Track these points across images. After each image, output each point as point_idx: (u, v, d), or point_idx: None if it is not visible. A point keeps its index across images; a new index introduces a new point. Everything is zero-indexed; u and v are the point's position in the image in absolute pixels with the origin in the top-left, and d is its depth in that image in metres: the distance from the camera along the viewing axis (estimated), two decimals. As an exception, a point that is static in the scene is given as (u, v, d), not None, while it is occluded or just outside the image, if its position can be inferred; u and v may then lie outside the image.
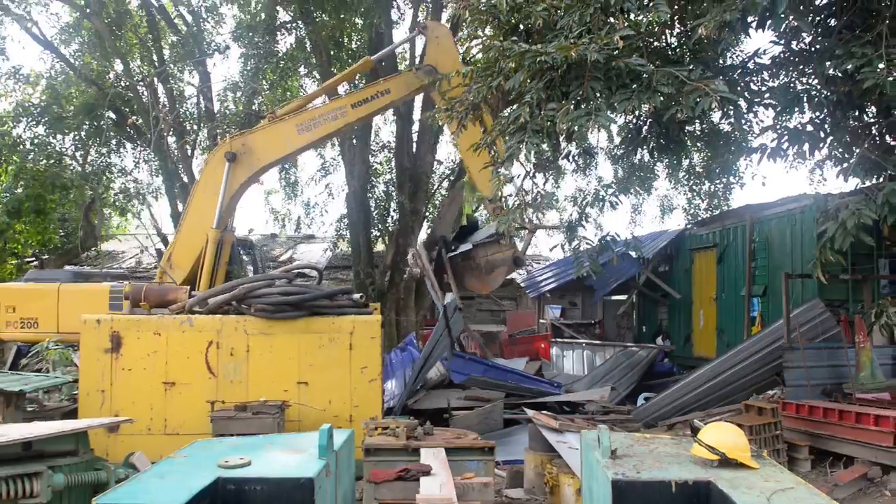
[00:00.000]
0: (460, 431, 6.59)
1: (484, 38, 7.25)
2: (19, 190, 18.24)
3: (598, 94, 5.28)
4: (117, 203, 20.22)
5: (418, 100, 16.99)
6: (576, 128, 5.24)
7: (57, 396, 9.57)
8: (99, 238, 20.38)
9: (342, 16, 16.66)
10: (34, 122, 18.10)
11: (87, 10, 16.93)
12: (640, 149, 8.14)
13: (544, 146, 5.88)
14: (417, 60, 14.24)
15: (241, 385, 7.92)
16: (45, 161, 17.72)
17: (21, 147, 18.02)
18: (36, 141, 18.01)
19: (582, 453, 4.58)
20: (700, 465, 3.66)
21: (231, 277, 13.71)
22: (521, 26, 6.35)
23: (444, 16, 15.89)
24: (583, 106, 5.50)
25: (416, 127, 16.93)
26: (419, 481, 4.38)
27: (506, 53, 5.51)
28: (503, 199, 9.04)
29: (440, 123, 15.41)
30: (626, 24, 5.74)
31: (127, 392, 7.92)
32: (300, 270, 9.46)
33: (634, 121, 7.57)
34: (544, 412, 8.67)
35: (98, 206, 19.57)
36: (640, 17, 6.31)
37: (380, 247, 19.00)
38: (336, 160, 20.44)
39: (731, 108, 6.44)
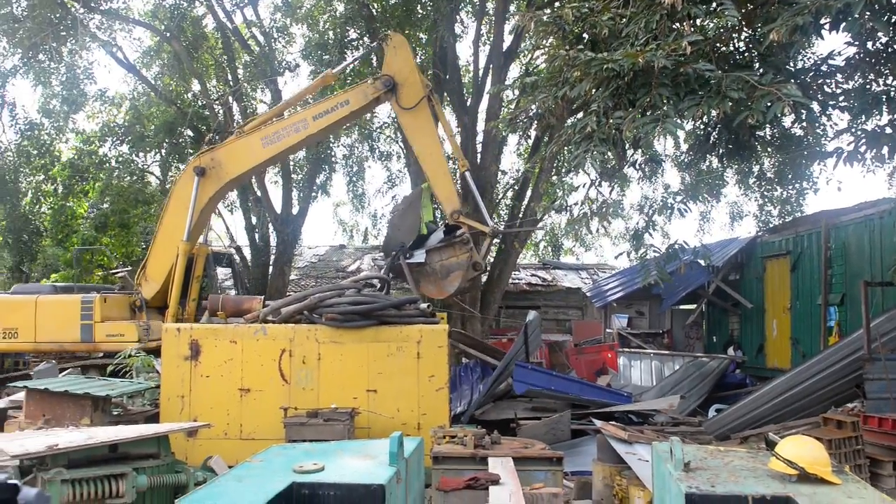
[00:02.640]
0: (528, 441, 6.59)
1: (548, 49, 7.27)
2: (105, 205, 19.28)
3: (666, 101, 5.22)
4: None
5: (482, 110, 17.15)
6: (643, 135, 5.19)
7: (140, 401, 10.01)
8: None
9: (407, 31, 16.95)
10: (119, 142, 19.11)
11: (167, 34, 17.75)
12: (709, 155, 7.97)
13: (610, 154, 5.84)
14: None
15: (312, 392, 8.12)
16: (128, 178, 18.67)
17: (107, 165, 19.04)
18: (120, 159, 18.98)
19: (653, 465, 4.52)
20: (778, 480, 3.55)
21: (204, 290, 13.89)
22: (586, 35, 6.35)
23: (507, 27, 15.98)
24: (650, 113, 5.45)
25: (479, 138, 17.02)
26: (488, 490, 4.40)
27: (572, 63, 5.52)
28: (568, 208, 8.98)
29: (504, 133, 15.50)
30: (692, 29, 5.67)
31: (205, 398, 8.22)
32: (368, 280, 9.62)
33: (703, 127, 7.43)
34: (612, 423, 8.55)
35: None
36: (706, 23, 6.22)
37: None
38: (402, 172, 20.75)
39: (804, 111, 6.25)
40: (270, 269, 19.17)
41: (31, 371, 11.62)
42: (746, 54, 6.95)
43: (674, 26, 5.75)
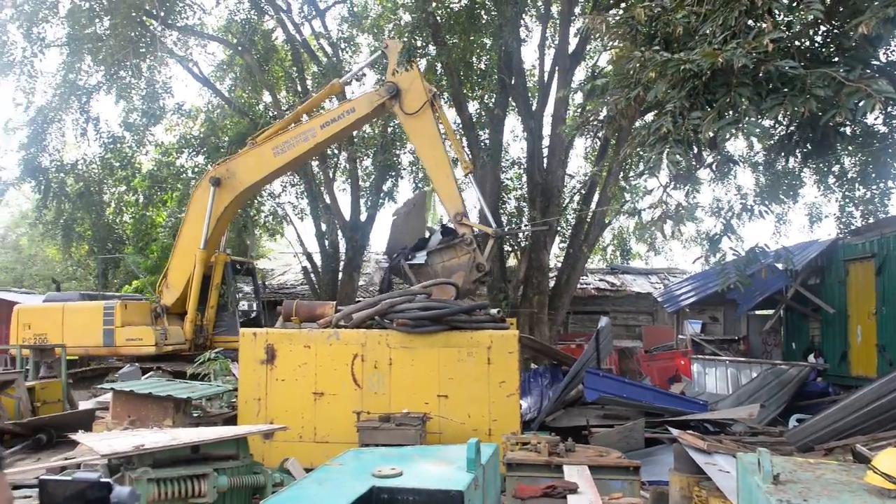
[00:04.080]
0: (602, 449, 6.47)
1: (618, 50, 7.15)
2: (182, 214, 20.02)
3: (747, 101, 5.05)
4: (267, 224, 21.65)
5: (548, 114, 17.06)
6: (723, 136, 5.04)
7: (218, 404, 10.35)
8: (251, 257, 21.89)
9: (471, 37, 17.00)
10: (195, 153, 19.82)
11: (239, 48, 18.34)
12: (790, 155, 7.68)
13: (688, 156, 5.68)
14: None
15: (384, 396, 8.19)
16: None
17: (184, 175, 19.78)
18: (196, 169, 19.67)
19: (738, 477, 4.36)
20: (876, 496, 3.35)
21: (223, 298, 14.49)
22: (659, 35, 6.21)
23: (573, 30, 15.83)
24: (729, 113, 5.29)
25: (546, 142, 16.91)
26: (566, 499, 4.35)
27: (646, 64, 5.41)
28: (640, 212, 8.82)
29: (571, 137, 15.34)
30: (773, 25, 5.47)
31: (280, 401, 8.40)
32: (437, 286, 9.66)
33: (785, 126, 7.16)
34: (689, 432, 8.31)
35: (250, 228, 21.04)
36: (789, 18, 5.99)
37: (512, 262, 19.07)
38: (467, 178, 20.76)
39: (893, 108, 5.95)
40: (340, 274, 19.51)
41: (116, 374, 12.17)
42: (826, 49, 6.67)
43: (752, 23, 5.57)
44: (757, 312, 17.56)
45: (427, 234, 11.24)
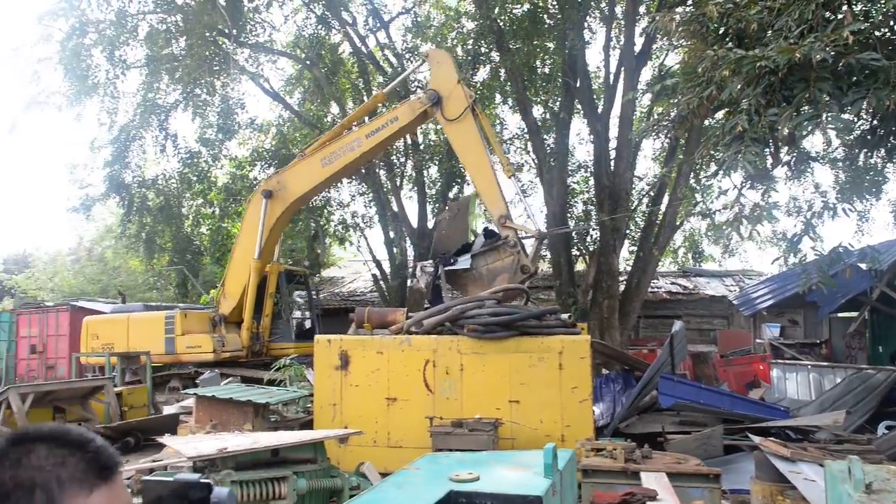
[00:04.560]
0: (680, 456, 6.33)
1: (688, 48, 7.02)
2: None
3: (827, 96, 4.87)
4: (337, 233, 22.11)
5: (614, 115, 16.85)
6: (801, 132, 4.88)
7: (294, 408, 10.61)
8: (322, 265, 22.39)
9: (535, 42, 16.96)
10: (267, 165, 20.44)
11: (308, 62, 18.83)
12: (873, 150, 7.35)
13: (764, 154, 5.52)
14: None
15: (456, 402, 8.23)
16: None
17: (257, 187, 20.40)
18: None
19: (827, 486, 4.20)
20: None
21: (278, 306, 14.79)
22: (731, 32, 6.06)
23: (638, 30, 15.60)
24: (807, 109, 5.12)
25: (613, 144, 16.70)
26: (645, 505, 4.29)
27: (719, 62, 5.29)
28: (714, 213, 8.60)
29: (639, 139, 15.10)
30: (851, 16, 5.27)
31: (355, 406, 8.55)
32: (506, 291, 9.65)
33: (868, 120, 6.86)
34: (771, 439, 8.04)
35: (321, 237, 21.54)
36: (867, 8, 5.76)
37: (580, 266, 18.87)
38: (533, 182, 20.71)
39: None
40: (409, 281, 19.74)
41: (198, 380, 12.65)
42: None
43: (829, 15, 5.38)
44: (839, 315, 16.81)
45: (472, 239, 11.31)
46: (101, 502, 1.14)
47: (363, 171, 18.14)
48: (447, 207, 15.59)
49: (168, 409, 11.83)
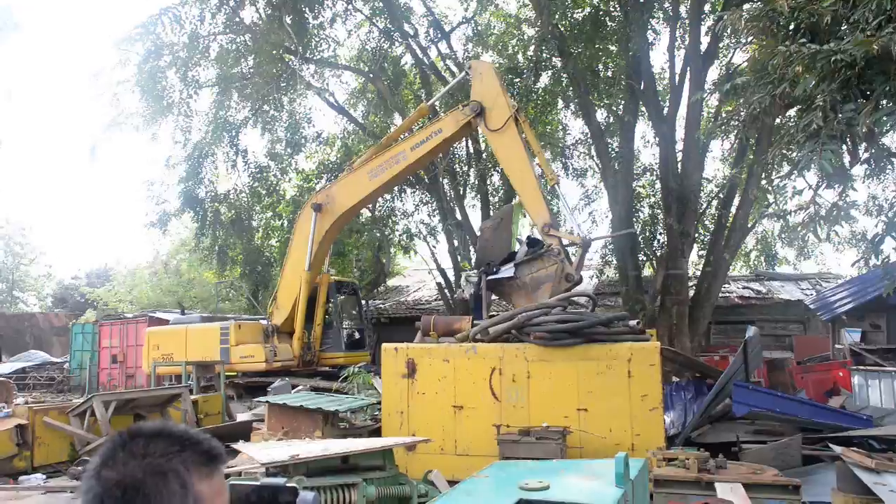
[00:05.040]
0: (756, 466, 6.12)
1: (757, 45, 6.80)
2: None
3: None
4: (401, 243, 22.35)
5: (680, 118, 16.47)
6: (882, 128, 4.66)
7: (362, 416, 10.75)
8: (387, 274, 22.66)
9: (597, 45, 16.79)
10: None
11: (371, 75, 19.16)
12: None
13: (841, 152, 5.29)
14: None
15: (523, 410, 8.18)
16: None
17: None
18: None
19: (918, 498, 3.99)
20: None
21: (328, 316, 15.02)
22: (804, 26, 5.85)
23: (703, 29, 15.25)
24: (886, 103, 4.89)
25: (679, 146, 16.33)
26: (721, 516, 4.15)
27: (792, 58, 5.10)
28: (788, 215, 8.30)
29: (710, 139, 14.71)
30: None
31: (422, 414, 8.59)
32: (573, 298, 9.56)
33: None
34: (853, 449, 7.67)
35: (385, 247, 21.82)
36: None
37: (648, 271, 18.51)
38: (598, 188, 20.45)
39: None
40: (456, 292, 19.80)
41: (269, 388, 12.96)
42: None
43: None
44: (928, 319, 15.92)
45: (517, 248, 11.31)
46: (217, 486, 1.27)
47: (426, 180, 18.29)
48: (490, 216, 15.69)
49: (241, 417, 12.15)
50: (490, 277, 10.77)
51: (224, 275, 22.87)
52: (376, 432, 9.22)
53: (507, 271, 10.66)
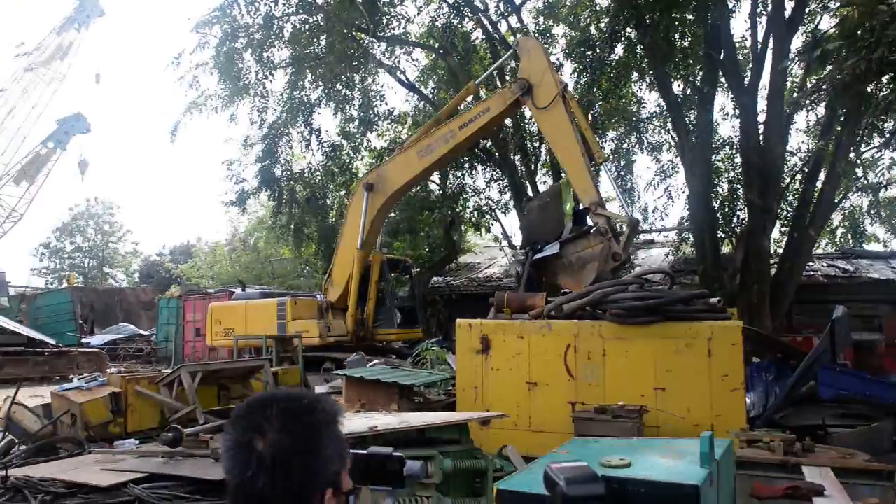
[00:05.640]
0: (846, 451, 5.90)
1: (851, 9, 6.42)
2: (392, 214, 21.37)
3: None
4: (472, 220, 22.37)
5: (762, 88, 15.78)
6: None
7: (436, 391, 10.90)
8: (459, 251, 22.74)
9: (674, 14, 16.19)
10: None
11: (441, 51, 19.10)
12: None
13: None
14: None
15: (598, 388, 8.11)
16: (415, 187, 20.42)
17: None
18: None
19: None
20: None
21: (381, 293, 15.18)
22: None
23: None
24: None
25: (761, 118, 15.66)
26: (811, 502, 4.02)
27: (894, 18, 4.79)
28: (879, 189, 7.87)
29: (798, 110, 14.03)
30: None
31: (496, 390, 8.64)
32: (647, 276, 9.39)
33: None
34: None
35: (457, 224, 21.89)
36: None
37: (727, 248, 17.95)
38: (674, 162, 19.89)
39: None
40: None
41: (345, 361, 13.29)
42: None
43: None
44: None
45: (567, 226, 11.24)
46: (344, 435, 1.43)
47: (498, 156, 18.19)
48: (538, 195, 15.65)
49: (319, 389, 12.51)
50: (536, 256, 10.78)
51: (300, 251, 23.45)
52: (450, 407, 9.31)
53: (551, 249, 10.65)
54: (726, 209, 17.15)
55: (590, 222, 10.56)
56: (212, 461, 7.44)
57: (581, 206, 10.94)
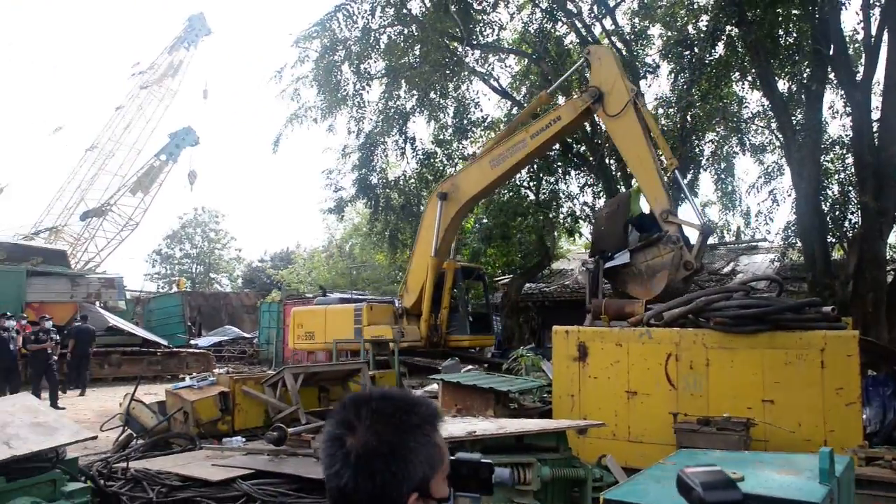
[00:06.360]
0: (980, 472, 5.48)
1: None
2: (484, 220, 21.49)
3: None
4: (566, 225, 22.16)
5: (877, 84, 14.87)
6: None
7: (531, 398, 10.87)
8: (552, 258, 22.58)
9: (778, 10, 15.52)
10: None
11: (534, 56, 19.07)
12: None
13: None
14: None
15: (701, 398, 7.86)
16: (507, 193, 20.47)
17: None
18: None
19: None
20: None
21: (454, 300, 15.38)
22: None
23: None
24: None
25: (876, 115, 14.74)
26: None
27: None
28: None
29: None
30: None
31: (593, 398, 8.51)
32: (752, 284, 9.02)
33: None
34: None
35: (549, 230, 21.75)
36: None
37: (837, 254, 17.00)
38: (779, 164, 19.04)
39: None
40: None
41: (440, 367, 13.46)
42: None
43: None
44: None
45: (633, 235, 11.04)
46: (442, 437, 1.43)
47: (592, 161, 17.97)
48: (605, 203, 15.48)
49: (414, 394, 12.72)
50: (606, 265, 10.70)
51: (395, 258, 23.93)
52: (546, 414, 9.26)
53: (620, 258, 10.54)
54: (837, 212, 16.25)
55: (664, 230, 10.39)
56: (314, 460, 7.70)
57: (647, 214, 10.86)
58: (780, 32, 16.44)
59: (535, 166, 20.49)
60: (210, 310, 35.86)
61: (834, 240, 16.50)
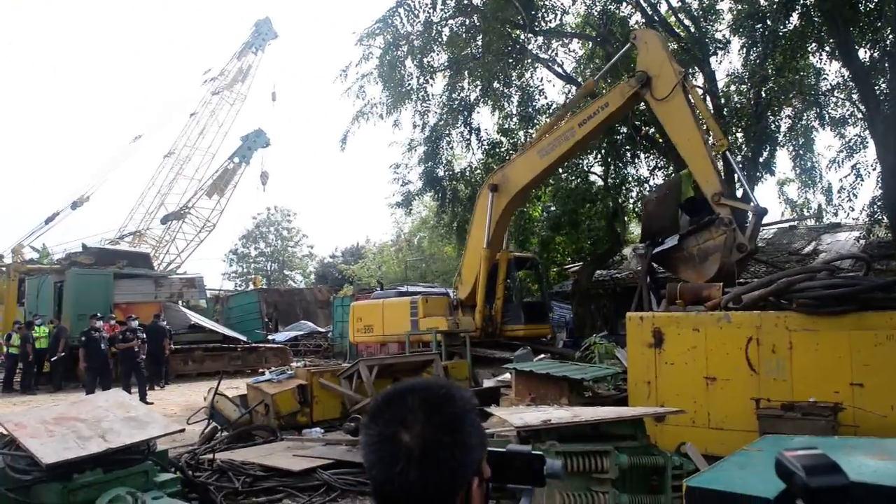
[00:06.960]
0: None
1: None
2: (552, 207, 21.25)
3: None
4: (636, 210, 21.73)
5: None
6: None
7: (605, 385, 10.74)
8: (622, 243, 22.18)
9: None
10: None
11: (599, 39, 18.73)
12: None
13: None
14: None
15: (784, 383, 7.59)
16: (575, 180, 20.22)
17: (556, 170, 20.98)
18: (567, 163, 20.70)
19: None
20: None
21: (508, 291, 15.29)
22: None
23: None
24: None
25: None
26: None
27: None
28: None
29: None
30: None
31: (670, 385, 8.33)
32: (836, 263, 8.65)
33: None
34: None
35: (620, 216, 21.36)
36: None
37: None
38: (862, 136, 18.09)
39: None
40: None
41: (513, 356, 13.45)
42: None
43: None
44: None
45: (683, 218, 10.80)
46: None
47: (662, 143, 17.51)
48: (656, 188, 15.07)
49: (486, 383, 12.76)
50: (656, 250, 10.56)
51: (463, 250, 23.96)
52: (621, 402, 9.11)
53: (670, 242, 10.37)
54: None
55: (715, 213, 10.14)
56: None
57: (698, 197, 10.63)
58: (861, -2, 15.61)
59: (604, 151, 20.16)
60: (285, 306, 36.86)
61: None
